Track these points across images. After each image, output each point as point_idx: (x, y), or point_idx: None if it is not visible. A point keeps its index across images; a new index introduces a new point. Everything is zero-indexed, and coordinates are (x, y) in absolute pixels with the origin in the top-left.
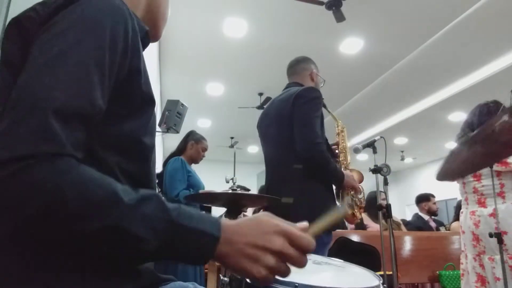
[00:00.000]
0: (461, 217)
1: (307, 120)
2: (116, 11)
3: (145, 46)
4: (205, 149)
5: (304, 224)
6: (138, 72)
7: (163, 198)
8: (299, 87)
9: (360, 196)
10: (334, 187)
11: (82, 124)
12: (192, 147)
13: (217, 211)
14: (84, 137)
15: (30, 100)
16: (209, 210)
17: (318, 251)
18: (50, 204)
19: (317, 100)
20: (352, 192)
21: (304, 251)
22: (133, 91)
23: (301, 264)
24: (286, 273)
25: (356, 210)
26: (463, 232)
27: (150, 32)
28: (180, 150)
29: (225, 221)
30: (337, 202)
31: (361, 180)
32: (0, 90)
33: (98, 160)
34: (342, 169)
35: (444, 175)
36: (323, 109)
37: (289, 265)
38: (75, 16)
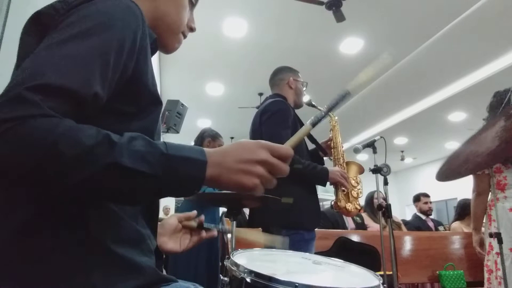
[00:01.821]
0: (510, 213)
1: (272, 135)
2: (129, 12)
3: (153, 52)
4: (220, 146)
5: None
6: (145, 74)
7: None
8: (268, 101)
9: (357, 188)
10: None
11: (71, 103)
12: (209, 145)
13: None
14: (73, 113)
15: (23, 75)
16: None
17: (300, 247)
18: (44, 157)
19: (280, 112)
20: (341, 188)
21: (284, 158)
22: (140, 91)
23: (284, 171)
24: (272, 182)
25: (352, 203)
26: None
27: (160, 42)
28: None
29: (209, 149)
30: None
31: (361, 172)
32: None
33: None
34: (333, 165)
35: (447, 174)
36: (318, 110)
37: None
38: (89, 12)
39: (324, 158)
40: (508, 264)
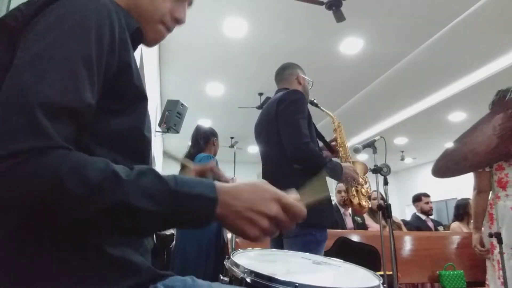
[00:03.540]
0: (497, 210)
1: (291, 122)
2: (100, 7)
3: (135, 43)
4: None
5: (296, 195)
6: (128, 67)
7: (156, 170)
8: (283, 92)
9: (366, 186)
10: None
11: (71, 119)
12: (215, 143)
13: None
14: (74, 132)
15: (17, 97)
16: None
17: (312, 249)
18: (49, 196)
19: (299, 101)
20: (355, 183)
21: (296, 218)
22: (124, 86)
23: (290, 229)
24: (274, 234)
25: (363, 201)
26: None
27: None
28: (202, 147)
29: (222, 184)
30: (332, 199)
31: (366, 172)
32: None
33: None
34: (343, 161)
35: (444, 171)
36: (322, 110)
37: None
38: (59, 13)
39: None
40: None
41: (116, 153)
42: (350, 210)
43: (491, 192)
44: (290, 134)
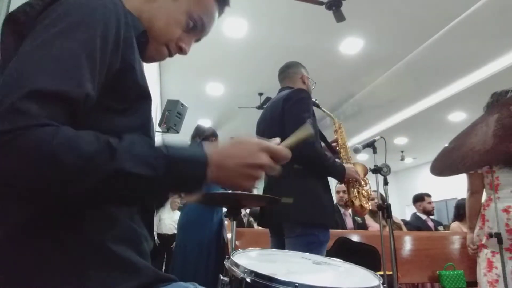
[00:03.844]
0: (504, 214)
1: (298, 121)
2: (108, 4)
3: (142, 45)
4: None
5: (277, 139)
6: (132, 66)
7: (146, 137)
8: (288, 90)
9: (366, 188)
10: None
11: (65, 107)
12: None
13: None
14: (68, 120)
15: (11, 82)
16: None
17: (314, 249)
18: (46, 170)
19: (305, 100)
20: (357, 185)
21: (281, 160)
22: (129, 86)
23: (276, 171)
24: (262, 179)
25: (364, 202)
26: (511, 232)
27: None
28: None
29: (211, 146)
30: (333, 200)
31: (366, 173)
32: None
33: None
34: (344, 163)
35: (442, 169)
36: (323, 111)
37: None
38: (67, 7)
39: None
40: (505, 262)
41: None
42: (350, 210)
43: (485, 194)
44: None
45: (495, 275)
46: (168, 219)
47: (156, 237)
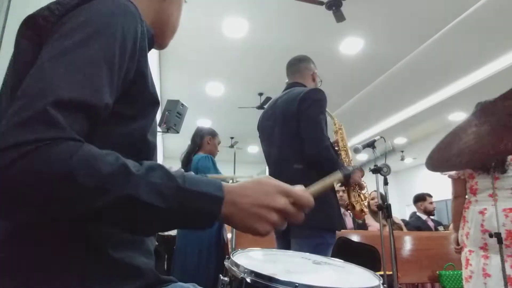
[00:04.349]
0: (480, 216)
1: (314, 123)
2: (128, 14)
3: (149, 48)
4: (219, 143)
5: (301, 186)
6: (144, 74)
7: (165, 167)
8: (303, 88)
9: (363, 191)
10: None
11: (86, 116)
12: (210, 142)
13: None
14: (88, 129)
15: (35, 90)
16: None
17: (321, 250)
18: (59, 185)
19: (322, 102)
20: (358, 189)
21: (303, 208)
22: (140, 93)
23: (299, 220)
24: (283, 226)
25: (363, 206)
26: (485, 232)
27: (156, 39)
28: (198, 146)
29: (228, 184)
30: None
31: (362, 176)
32: (14, 85)
33: None
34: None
35: (438, 165)
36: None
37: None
38: (88, 15)
39: None
40: (478, 260)
41: (126, 156)
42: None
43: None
44: (313, 136)
45: (469, 271)
46: None
47: (157, 239)
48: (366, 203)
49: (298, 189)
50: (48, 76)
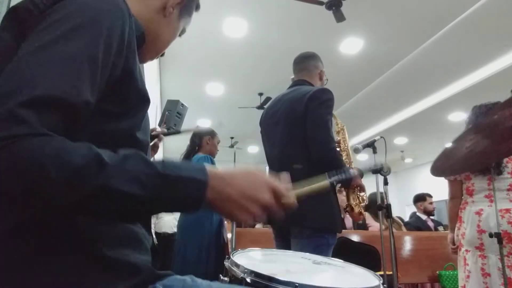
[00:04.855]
0: (477, 216)
1: (322, 123)
2: (115, 8)
3: (138, 46)
4: (219, 142)
5: (288, 178)
6: (133, 72)
7: (143, 154)
8: (310, 87)
9: (362, 194)
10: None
11: (61, 113)
12: (209, 142)
13: None
14: (65, 126)
15: (7, 87)
16: None
17: (322, 251)
18: (32, 179)
19: (330, 102)
20: (358, 191)
21: (286, 208)
22: (128, 90)
23: (279, 216)
24: (263, 219)
25: (361, 208)
26: (482, 232)
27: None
28: (197, 146)
29: (215, 169)
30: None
31: (361, 177)
32: None
33: None
34: None
35: (442, 170)
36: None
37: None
38: (72, 8)
39: None
40: (475, 260)
41: None
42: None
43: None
44: (319, 136)
45: (467, 271)
46: (168, 215)
47: (154, 237)
48: (364, 206)
49: (284, 186)
50: (25, 71)
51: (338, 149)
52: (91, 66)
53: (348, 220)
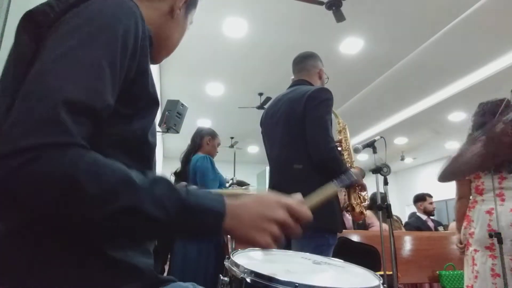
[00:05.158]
0: (487, 215)
1: (321, 123)
2: (129, 12)
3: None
4: (219, 144)
5: (300, 197)
6: (145, 74)
7: (168, 179)
8: (309, 87)
9: (363, 193)
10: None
11: (90, 118)
12: (209, 143)
13: None
14: (91, 132)
15: (41, 91)
16: None
17: (323, 251)
18: (65, 192)
19: (329, 102)
20: (358, 190)
21: (302, 222)
22: (140, 92)
23: (297, 233)
24: (282, 240)
25: (363, 208)
26: (491, 231)
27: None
28: (198, 146)
29: (230, 199)
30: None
31: (362, 177)
32: (10, 82)
33: None
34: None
35: (448, 175)
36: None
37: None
38: (90, 13)
39: None
40: (484, 260)
41: (126, 156)
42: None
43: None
44: (318, 135)
45: (475, 271)
46: None
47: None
48: (365, 205)
49: (297, 201)
50: (53, 77)
51: (339, 148)
52: (111, 70)
53: (348, 220)
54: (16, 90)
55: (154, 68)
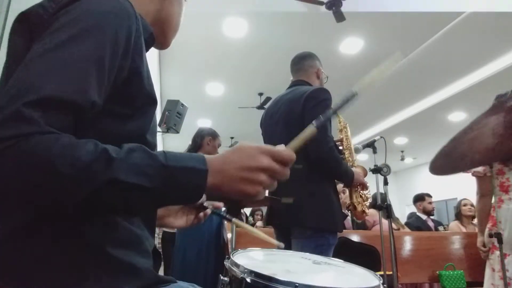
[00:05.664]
0: (500, 213)
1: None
2: (121, 11)
3: (148, 47)
4: (220, 145)
5: (282, 146)
6: (140, 74)
7: (145, 147)
8: (307, 87)
9: (365, 192)
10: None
11: (68, 114)
12: (210, 143)
13: None
14: (70, 126)
15: (16, 89)
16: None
17: (323, 251)
18: (41, 178)
19: (327, 102)
20: (359, 189)
21: (286, 163)
22: (135, 92)
23: (285, 175)
24: (274, 186)
25: (365, 207)
26: None
27: (158, 39)
28: (198, 146)
29: (210, 156)
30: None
31: (365, 175)
32: (4, 83)
33: None
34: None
35: (443, 166)
36: (328, 112)
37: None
38: (79, 12)
39: None
40: None
41: None
42: (349, 212)
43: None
44: (317, 136)
45: (508, 278)
46: None
47: (161, 235)
48: (367, 204)
49: (278, 146)
50: (32, 73)
51: (340, 147)
52: (98, 68)
53: (347, 220)
54: None
55: (154, 68)
